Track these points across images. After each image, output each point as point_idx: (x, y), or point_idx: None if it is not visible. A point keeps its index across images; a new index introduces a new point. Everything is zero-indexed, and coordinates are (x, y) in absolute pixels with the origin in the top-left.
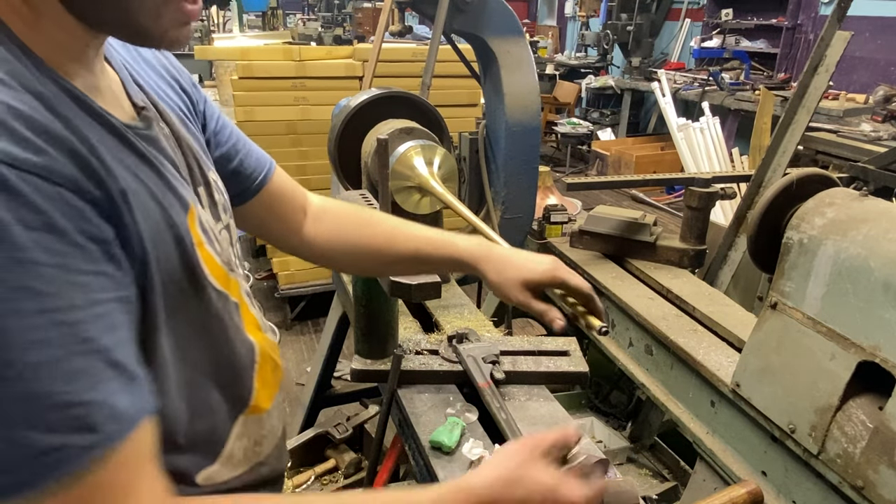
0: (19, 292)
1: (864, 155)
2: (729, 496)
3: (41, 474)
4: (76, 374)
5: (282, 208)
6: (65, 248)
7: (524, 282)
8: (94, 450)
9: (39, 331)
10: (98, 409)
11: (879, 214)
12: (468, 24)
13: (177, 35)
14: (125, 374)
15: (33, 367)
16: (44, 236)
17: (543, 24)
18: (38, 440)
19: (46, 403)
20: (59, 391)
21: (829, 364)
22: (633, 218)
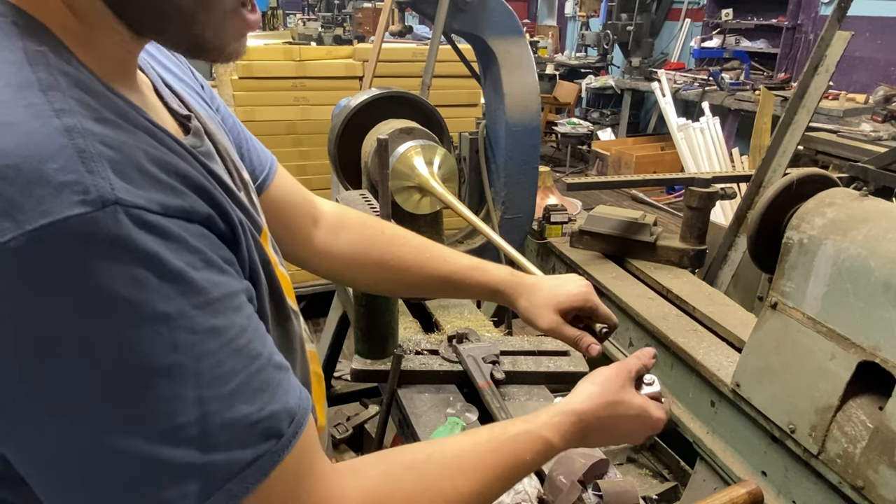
0: (205, 334)
1: (864, 155)
2: (729, 496)
3: (243, 486)
4: (258, 390)
5: (287, 213)
6: (222, 277)
7: (555, 306)
8: (283, 452)
9: (225, 364)
10: (281, 416)
11: (879, 214)
12: (468, 23)
13: (236, 47)
14: (287, 373)
15: (227, 397)
16: (207, 272)
17: (543, 24)
18: (239, 458)
19: (243, 426)
20: (249, 412)
21: (829, 364)
22: (633, 218)
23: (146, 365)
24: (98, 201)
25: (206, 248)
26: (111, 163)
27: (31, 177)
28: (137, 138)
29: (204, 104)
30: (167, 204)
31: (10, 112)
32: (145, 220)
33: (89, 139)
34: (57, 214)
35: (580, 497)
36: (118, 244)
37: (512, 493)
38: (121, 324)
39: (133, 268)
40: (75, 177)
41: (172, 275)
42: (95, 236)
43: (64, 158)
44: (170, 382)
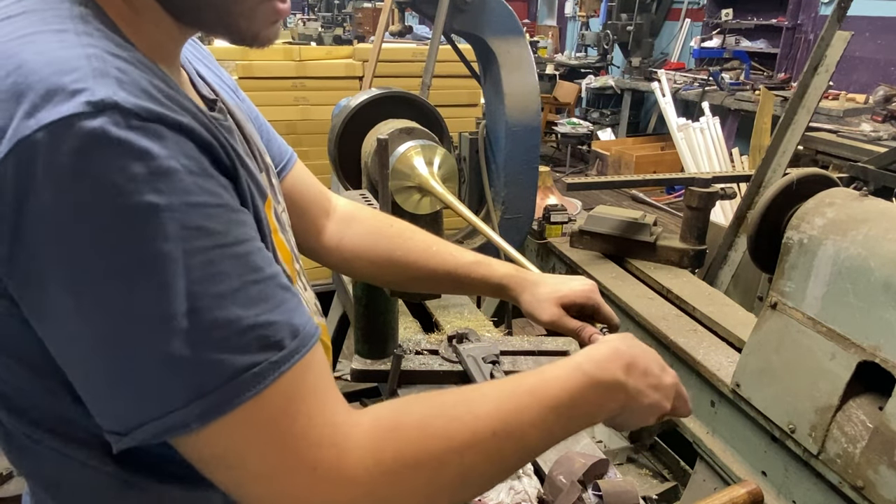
0: (196, 232)
1: (864, 155)
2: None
3: (238, 393)
4: (255, 299)
5: (301, 206)
6: (220, 190)
7: (558, 299)
8: (282, 365)
9: (217, 264)
10: (281, 328)
11: (879, 214)
12: (468, 24)
13: (268, 34)
14: (294, 296)
15: (218, 297)
16: (205, 180)
17: (543, 24)
18: (232, 362)
19: (235, 328)
20: (244, 315)
21: (829, 364)
22: (633, 218)
23: (135, 251)
24: (100, 104)
25: (205, 161)
26: (118, 82)
27: (52, 86)
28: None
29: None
30: (166, 116)
31: (45, 45)
32: (141, 124)
33: (106, 65)
34: (66, 112)
35: (580, 497)
36: (112, 139)
37: (512, 493)
38: (111, 209)
39: (124, 159)
40: (86, 85)
41: (164, 170)
42: (96, 130)
43: (80, 74)
44: (158, 271)
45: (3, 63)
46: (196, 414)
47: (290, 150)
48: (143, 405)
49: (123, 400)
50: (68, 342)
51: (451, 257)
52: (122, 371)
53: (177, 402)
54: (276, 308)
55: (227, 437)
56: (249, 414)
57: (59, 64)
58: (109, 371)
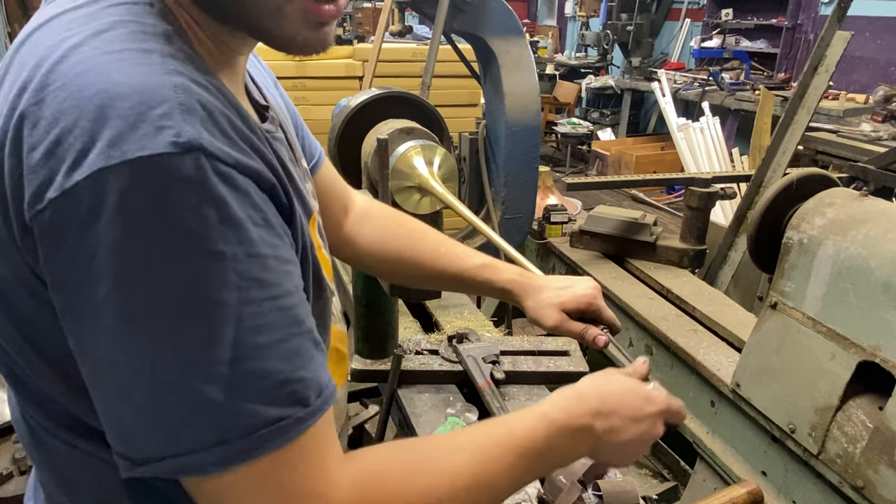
0: (252, 283)
1: (864, 155)
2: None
3: (261, 444)
4: (293, 353)
5: (325, 202)
6: (277, 241)
7: (560, 304)
8: (306, 421)
9: (266, 316)
10: (310, 385)
11: (879, 214)
12: (468, 24)
13: (309, 37)
14: (322, 354)
15: (262, 348)
16: (265, 231)
17: (543, 24)
18: (261, 413)
19: (271, 381)
20: (281, 370)
21: (829, 364)
22: (633, 218)
23: (195, 293)
24: (186, 145)
25: (268, 211)
26: (202, 120)
27: (139, 117)
28: (228, 110)
29: (276, 95)
30: (241, 161)
31: (135, 67)
32: (221, 169)
33: (191, 98)
34: (153, 150)
35: (580, 497)
36: (193, 182)
37: None
38: (181, 251)
39: (202, 205)
40: (173, 123)
41: (234, 221)
42: (179, 171)
43: (167, 107)
44: (212, 316)
45: (92, 81)
46: (215, 459)
47: (320, 147)
48: (167, 441)
49: (148, 432)
50: (105, 368)
51: (458, 259)
52: (154, 405)
53: (201, 443)
54: (309, 364)
55: (238, 485)
56: (264, 466)
57: (146, 94)
58: (142, 402)
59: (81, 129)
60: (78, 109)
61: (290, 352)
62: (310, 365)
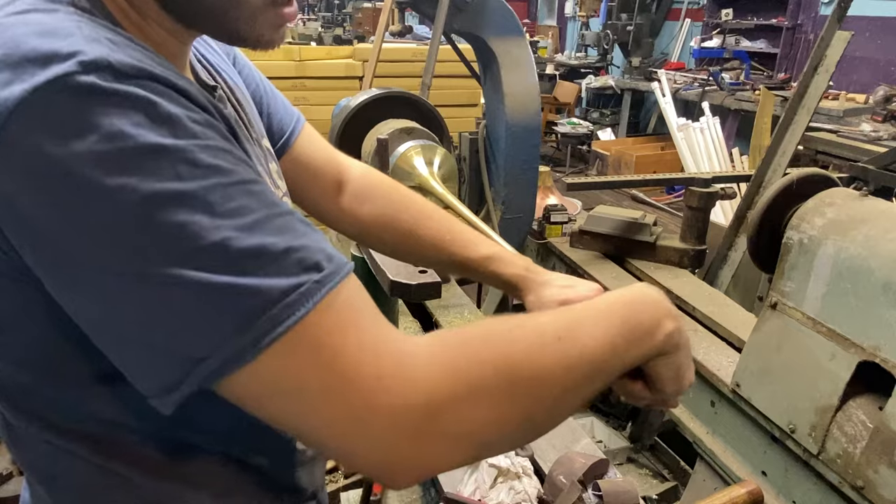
0: (209, 170)
1: (864, 155)
2: (729, 496)
3: (288, 314)
4: (282, 228)
5: (309, 173)
6: (224, 142)
7: (560, 303)
8: (326, 283)
9: (237, 199)
10: (315, 251)
11: (879, 214)
12: (468, 23)
13: (272, 37)
14: (318, 232)
15: (245, 227)
16: (208, 129)
17: (543, 24)
18: (274, 285)
19: (269, 253)
20: (276, 241)
21: (829, 364)
22: (633, 218)
23: (153, 193)
24: (91, 63)
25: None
26: (110, 47)
27: (47, 52)
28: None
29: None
30: (161, 75)
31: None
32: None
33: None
34: (60, 72)
35: (580, 497)
36: (111, 92)
37: (512, 493)
38: (120, 154)
39: (126, 110)
40: (78, 48)
41: (168, 116)
42: (91, 87)
43: (72, 40)
44: (180, 209)
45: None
46: (249, 342)
47: (298, 114)
48: (190, 347)
49: (167, 349)
50: (96, 300)
51: (464, 249)
52: (160, 316)
53: (225, 334)
54: (304, 236)
55: (283, 363)
56: (302, 335)
57: (50, 33)
58: (146, 319)
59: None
60: None
61: (278, 227)
62: (306, 236)
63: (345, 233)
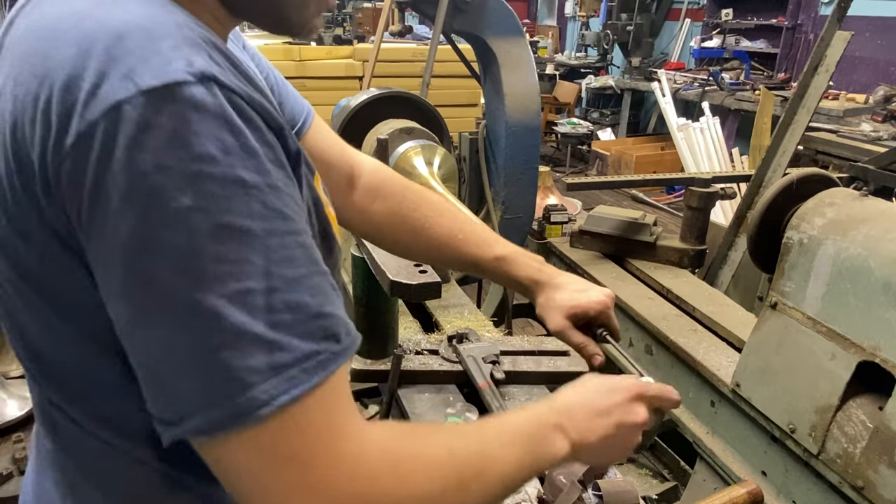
0: (275, 214)
1: (864, 155)
2: (729, 496)
3: (307, 378)
4: (318, 289)
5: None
6: (289, 181)
7: (570, 308)
8: (340, 357)
9: (291, 250)
10: (338, 322)
11: (879, 214)
12: (468, 24)
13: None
14: (340, 296)
15: (292, 280)
16: (279, 169)
17: (543, 24)
18: (301, 346)
19: (305, 314)
20: (310, 303)
21: (829, 364)
22: (633, 218)
23: (223, 220)
24: (199, 74)
25: (279, 151)
26: (211, 56)
27: (148, 50)
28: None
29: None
30: (252, 96)
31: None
32: (235, 100)
33: (196, 35)
34: (168, 78)
35: (580, 497)
36: (211, 109)
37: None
38: (205, 178)
39: (222, 132)
40: (183, 54)
41: (252, 150)
42: (196, 98)
43: (175, 40)
44: (242, 245)
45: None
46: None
47: (307, 105)
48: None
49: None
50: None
51: (476, 249)
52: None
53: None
54: (333, 302)
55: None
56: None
57: (151, 29)
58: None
59: (91, 71)
60: (84, 54)
61: (315, 288)
62: (334, 303)
63: (354, 230)
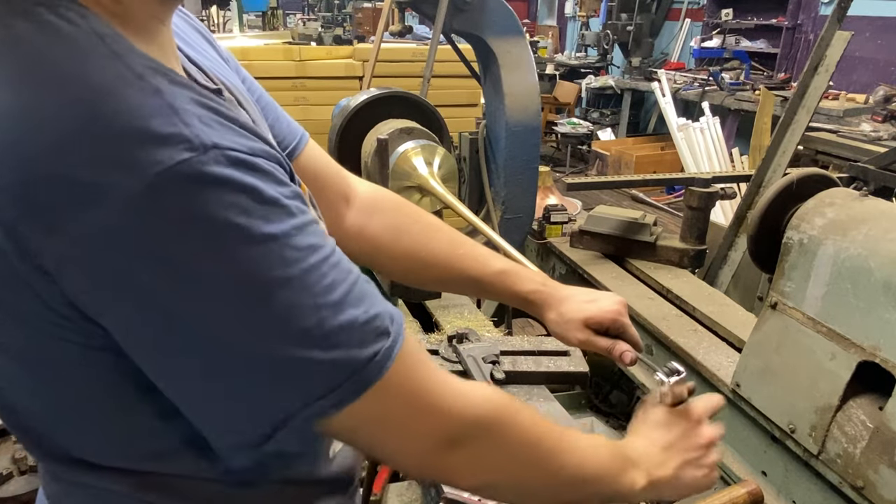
0: (307, 251)
1: (864, 155)
2: (729, 496)
3: (366, 381)
4: (360, 297)
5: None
6: (305, 206)
7: (585, 319)
8: (394, 347)
9: (329, 276)
10: (383, 317)
11: (879, 214)
12: (468, 24)
13: None
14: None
15: (337, 304)
16: (298, 202)
17: (543, 24)
18: (359, 354)
19: (356, 327)
20: (358, 316)
21: (829, 364)
22: (633, 218)
23: (266, 280)
24: (201, 147)
25: (289, 182)
26: (198, 117)
27: (140, 134)
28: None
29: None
30: (252, 146)
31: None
32: (240, 158)
33: (176, 98)
34: (169, 162)
35: None
36: (223, 179)
37: None
38: (237, 247)
39: (238, 197)
40: (176, 129)
41: (271, 201)
42: (204, 175)
43: (163, 115)
44: (288, 293)
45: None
46: (330, 404)
47: (301, 130)
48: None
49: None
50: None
51: (476, 264)
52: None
53: (312, 397)
54: (374, 301)
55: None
56: (379, 390)
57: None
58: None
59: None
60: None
61: (357, 297)
62: (375, 300)
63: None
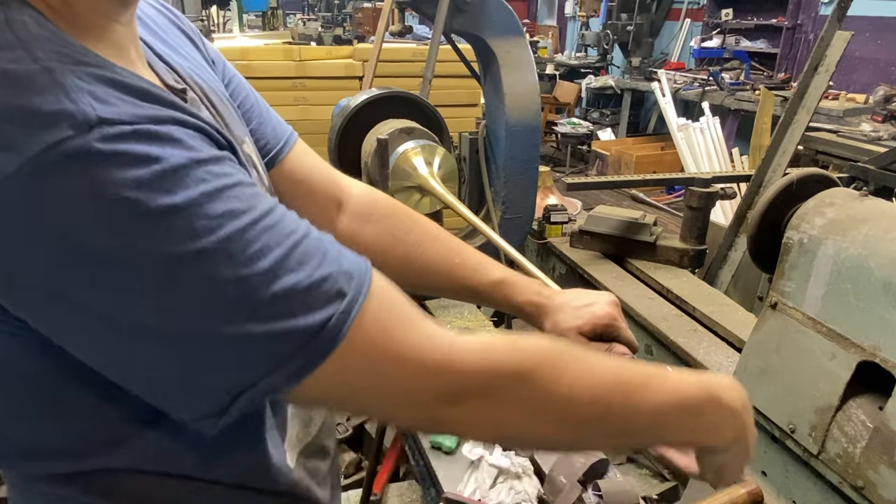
0: (224, 219)
1: (864, 155)
2: (729, 496)
3: (321, 350)
4: (302, 260)
5: (307, 188)
6: (230, 169)
7: (578, 327)
8: (351, 310)
9: (256, 242)
10: (337, 278)
11: (879, 214)
12: (468, 24)
13: None
14: (333, 243)
15: (268, 271)
16: (214, 164)
17: (543, 24)
18: (306, 323)
19: (297, 291)
20: (300, 279)
21: (829, 364)
22: (633, 218)
23: (171, 255)
24: (85, 123)
25: (204, 146)
26: (91, 93)
27: (23, 113)
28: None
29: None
30: (156, 115)
31: None
32: (136, 130)
33: (67, 76)
34: (50, 140)
35: (580, 497)
36: (110, 154)
37: (512, 493)
38: (132, 223)
39: (130, 171)
40: (60, 107)
41: (175, 169)
42: (90, 151)
43: (48, 93)
44: (202, 267)
45: None
46: (284, 378)
47: (290, 129)
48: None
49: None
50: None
51: (473, 274)
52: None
53: (259, 373)
54: (323, 261)
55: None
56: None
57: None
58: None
59: None
60: None
61: (298, 260)
62: (324, 260)
63: None
